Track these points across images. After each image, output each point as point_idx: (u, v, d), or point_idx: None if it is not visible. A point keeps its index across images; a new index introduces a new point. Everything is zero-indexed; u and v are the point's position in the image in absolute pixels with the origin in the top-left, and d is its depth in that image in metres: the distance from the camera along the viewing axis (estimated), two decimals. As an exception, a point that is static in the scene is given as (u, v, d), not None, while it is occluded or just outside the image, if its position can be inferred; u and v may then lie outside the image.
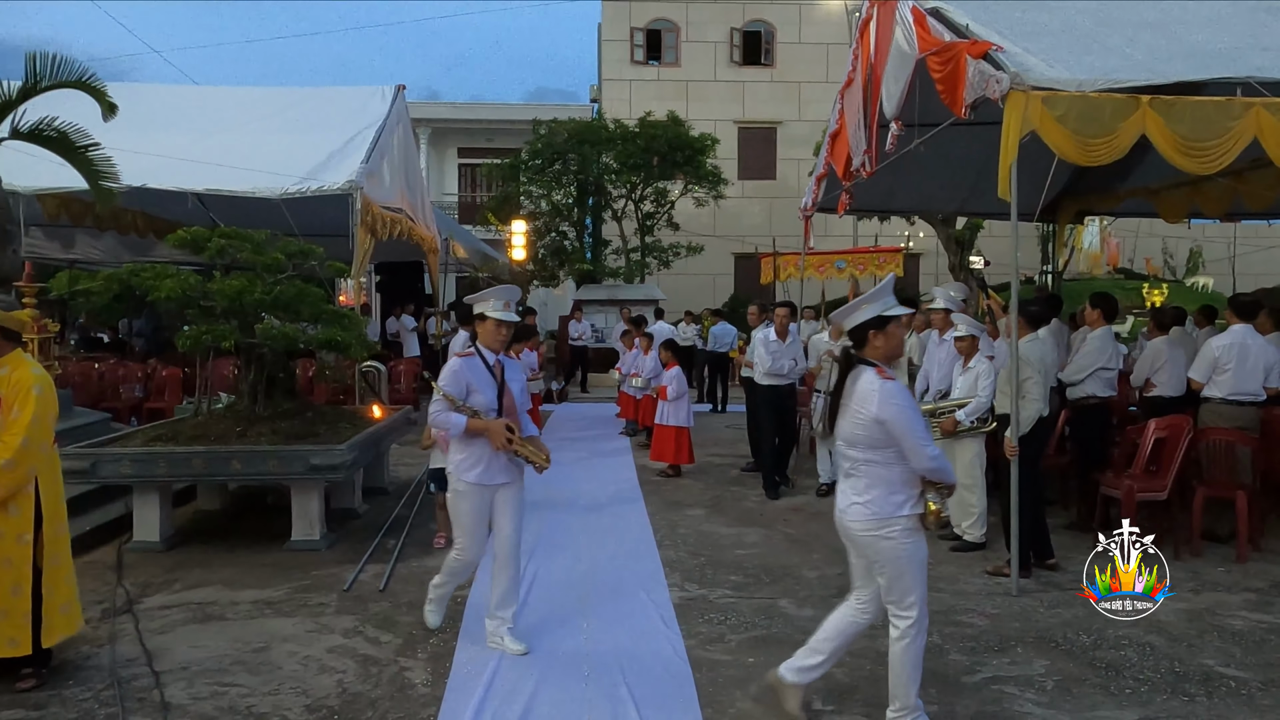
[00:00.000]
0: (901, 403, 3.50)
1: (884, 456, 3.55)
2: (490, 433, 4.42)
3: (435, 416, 4.46)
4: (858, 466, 3.63)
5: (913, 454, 3.50)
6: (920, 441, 3.49)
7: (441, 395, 4.44)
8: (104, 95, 7.94)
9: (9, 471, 4.02)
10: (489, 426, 4.42)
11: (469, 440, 4.46)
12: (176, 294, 6.57)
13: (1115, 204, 10.95)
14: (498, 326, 4.55)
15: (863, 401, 3.54)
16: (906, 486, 3.58)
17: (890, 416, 3.47)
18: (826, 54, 26.95)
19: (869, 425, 3.52)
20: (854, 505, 3.64)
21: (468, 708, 3.95)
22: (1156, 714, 3.95)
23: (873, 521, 3.58)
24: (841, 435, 3.67)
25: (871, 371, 3.58)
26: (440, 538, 6.49)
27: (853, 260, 14.80)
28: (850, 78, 8.35)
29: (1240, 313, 7.00)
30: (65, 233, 13.74)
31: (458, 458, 4.52)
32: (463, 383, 4.47)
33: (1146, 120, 5.36)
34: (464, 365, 4.53)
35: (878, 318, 3.64)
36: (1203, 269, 26.18)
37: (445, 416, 4.43)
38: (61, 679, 4.25)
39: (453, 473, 4.53)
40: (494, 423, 4.44)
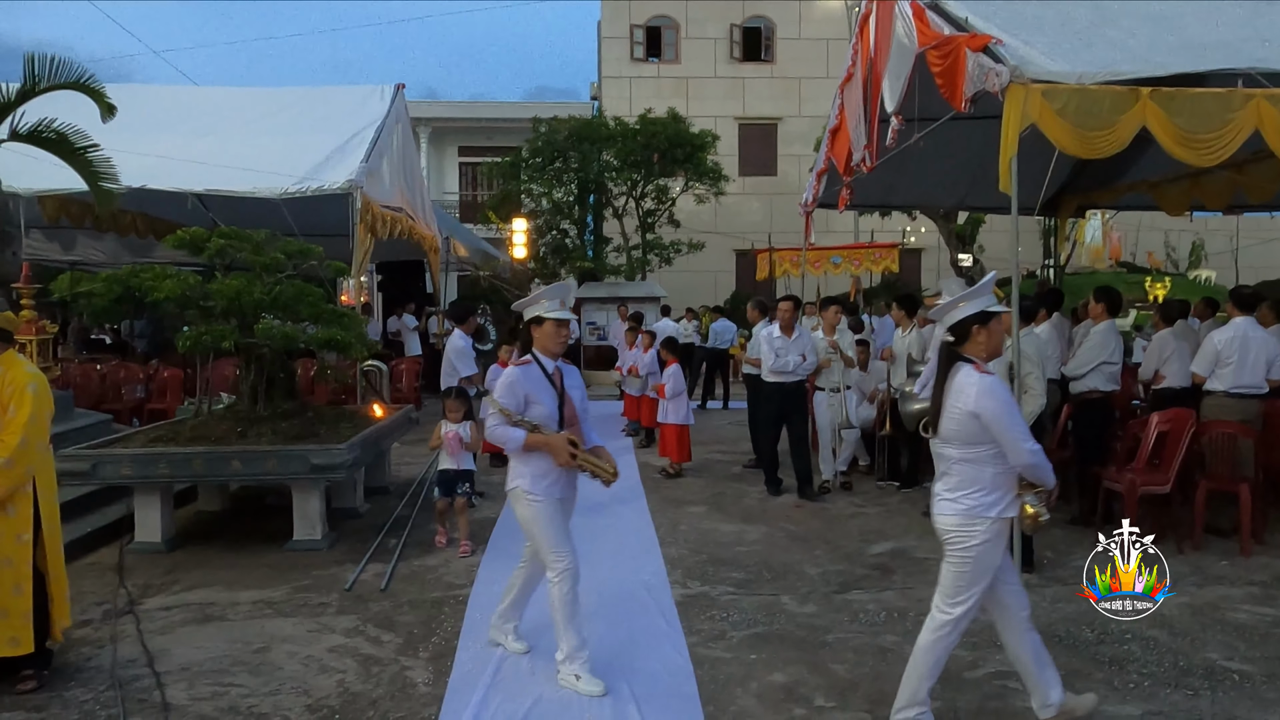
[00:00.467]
0: (1000, 396, 3.45)
1: (979, 454, 3.50)
2: (552, 449, 4.12)
3: (492, 431, 4.17)
4: (952, 464, 3.59)
5: (1010, 449, 3.44)
6: (1018, 436, 3.43)
7: (497, 409, 4.14)
8: (103, 96, 7.94)
9: (7, 470, 4.03)
10: (549, 442, 4.13)
11: (532, 453, 4.18)
12: (176, 295, 6.57)
13: (1116, 197, 10.93)
14: (557, 328, 4.25)
15: (959, 395, 3.50)
16: (1000, 488, 3.52)
17: (987, 410, 3.41)
18: (826, 50, 26.90)
19: (964, 419, 3.47)
20: (943, 501, 3.61)
21: (469, 707, 3.94)
22: (1160, 708, 3.94)
23: (960, 518, 3.54)
24: (941, 432, 3.62)
25: (970, 366, 3.54)
26: (441, 536, 6.50)
27: (848, 256, 14.73)
28: (850, 73, 8.33)
29: (1241, 305, 6.98)
30: (65, 234, 13.74)
31: (526, 471, 4.20)
32: (520, 394, 4.17)
33: (1147, 113, 5.33)
34: (521, 375, 4.21)
35: (982, 313, 3.60)
36: (1205, 262, 26.14)
37: (503, 431, 4.13)
38: (62, 680, 4.25)
39: (523, 488, 4.19)
40: (555, 438, 4.15)
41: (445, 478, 6.49)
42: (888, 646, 4.64)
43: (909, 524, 7.12)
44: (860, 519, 7.36)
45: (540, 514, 4.19)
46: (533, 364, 4.25)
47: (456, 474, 6.48)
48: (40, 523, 4.22)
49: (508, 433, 4.13)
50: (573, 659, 4.15)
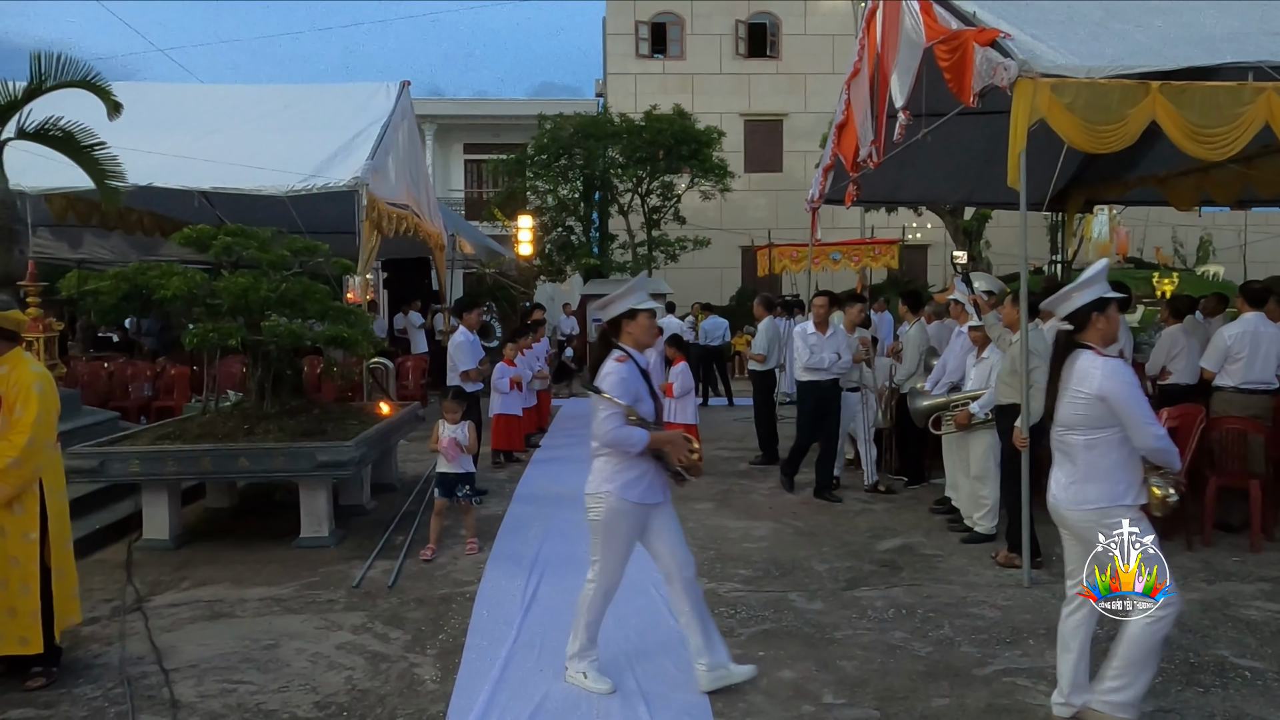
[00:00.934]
0: (1126, 378, 3.46)
1: (1105, 439, 3.49)
2: (673, 447, 3.97)
3: (613, 434, 3.89)
4: (1076, 452, 3.58)
5: (1136, 431, 3.44)
6: (1145, 419, 3.42)
7: (620, 409, 3.89)
8: (109, 94, 7.94)
9: (16, 470, 4.04)
10: (671, 440, 4.00)
11: (627, 458, 3.96)
12: (183, 292, 6.57)
13: (1124, 192, 10.87)
14: (652, 319, 4.15)
15: (1083, 380, 3.49)
16: (1128, 473, 3.52)
17: (1113, 392, 3.42)
18: (832, 45, 26.84)
19: (1090, 403, 3.48)
20: (1071, 492, 3.59)
21: (477, 704, 3.93)
22: (1171, 705, 3.92)
23: (1093, 512, 3.52)
24: (1060, 419, 3.62)
25: (1090, 352, 3.55)
26: (429, 549, 6.21)
27: (848, 252, 14.67)
28: (856, 68, 8.30)
29: (1251, 300, 6.94)
30: (72, 233, 13.76)
31: (618, 476, 3.98)
32: (632, 390, 3.97)
33: (1156, 106, 5.30)
34: (629, 370, 4.01)
35: (1099, 299, 3.61)
36: (1213, 257, 26.02)
37: (626, 432, 3.89)
38: (71, 677, 4.26)
39: (612, 491, 3.97)
40: (673, 434, 4.05)
41: (445, 480, 6.38)
42: (896, 643, 4.62)
43: (916, 520, 7.10)
44: (868, 515, 7.34)
45: (623, 521, 4.01)
46: (630, 360, 4.07)
47: (456, 477, 6.35)
48: (48, 520, 4.22)
49: (631, 433, 3.90)
50: (582, 656, 4.13)
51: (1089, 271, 3.73)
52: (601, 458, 4.04)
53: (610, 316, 4.16)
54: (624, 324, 4.13)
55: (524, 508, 7.61)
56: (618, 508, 3.98)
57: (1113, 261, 24.99)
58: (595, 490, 4.04)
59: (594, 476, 4.07)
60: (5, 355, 4.20)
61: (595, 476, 4.06)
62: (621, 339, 4.13)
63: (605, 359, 4.08)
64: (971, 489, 6.59)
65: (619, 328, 4.14)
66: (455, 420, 6.37)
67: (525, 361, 10.21)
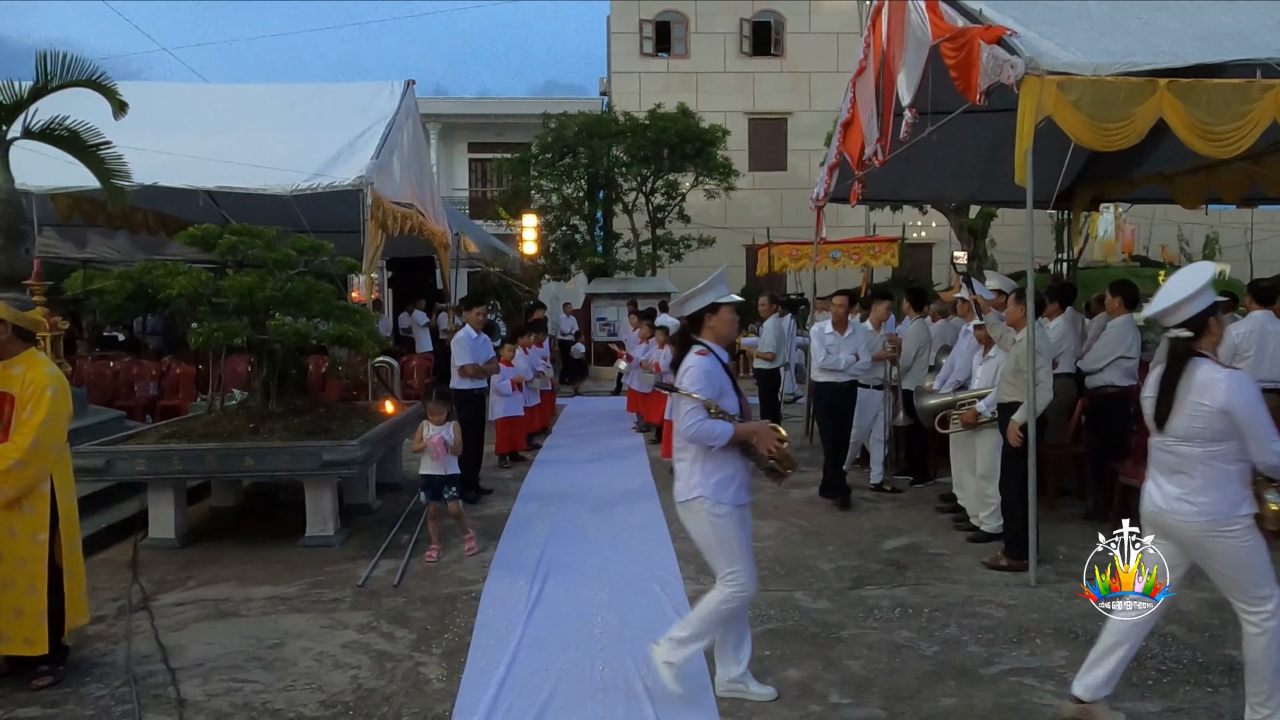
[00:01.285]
0: (1251, 392, 3.38)
1: (1223, 451, 3.42)
2: (759, 436, 3.83)
3: (695, 428, 3.75)
4: (1191, 464, 3.49)
5: (1259, 446, 3.37)
6: (1268, 435, 3.35)
7: (700, 402, 3.76)
8: (115, 94, 7.94)
9: (18, 472, 4.04)
10: (757, 430, 3.85)
11: (723, 453, 3.83)
12: (189, 292, 6.58)
13: (1130, 190, 10.83)
14: (734, 313, 4.02)
15: (1204, 392, 3.40)
16: (1242, 484, 3.46)
17: (1240, 406, 3.34)
18: (836, 43, 26.79)
19: (1212, 417, 3.40)
20: (1183, 504, 3.51)
21: (482, 703, 3.93)
22: (1179, 705, 3.91)
23: (1207, 523, 3.45)
24: (1174, 430, 3.52)
25: (1209, 362, 3.46)
26: (433, 551, 6.22)
27: (848, 250, 14.65)
28: (862, 66, 8.28)
29: (1260, 298, 6.91)
30: (78, 232, 13.78)
31: (708, 478, 3.84)
32: (717, 385, 3.85)
33: (1164, 104, 5.28)
34: (712, 364, 3.89)
35: (1214, 304, 3.53)
36: (1219, 256, 25.94)
37: (709, 425, 3.75)
38: (78, 676, 4.26)
39: (705, 496, 3.83)
40: (759, 423, 3.91)
41: (430, 482, 6.22)
42: (902, 643, 4.61)
43: (922, 519, 7.08)
44: (873, 514, 7.33)
45: (727, 527, 3.85)
46: (711, 354, 3.93)
47: (442, 479, 6.20)
48: (59, 521, 4.24)
49: (714, 427, 3.76)
50: (680, 646, 3.93)
51: (1195, 277, 3.56)
52: (687, 460, 3.90)
53: (691, 311, 4.03)
54: (706, 318, 4.00)
55: (529, 507, 7.61)
56: (716, 513, 3.84)
57: (1118, 260, 24.98)
58: (688, 498, 3.89)
59: (682, 482, 3.92)
60: (20, 355, 4.22)
61: (684, 482, 3.91)
62: (702, 334, 4.01)
63: (684, 355, 3.96)
64: (978, 488, 6.57)
65: (700, 323, 4.02)
66: (440, 422, 6.23)
67: (526, 361, 10.18)
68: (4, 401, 4.12)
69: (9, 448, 4.04)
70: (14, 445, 4.04)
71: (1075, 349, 7.38)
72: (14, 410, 4.11)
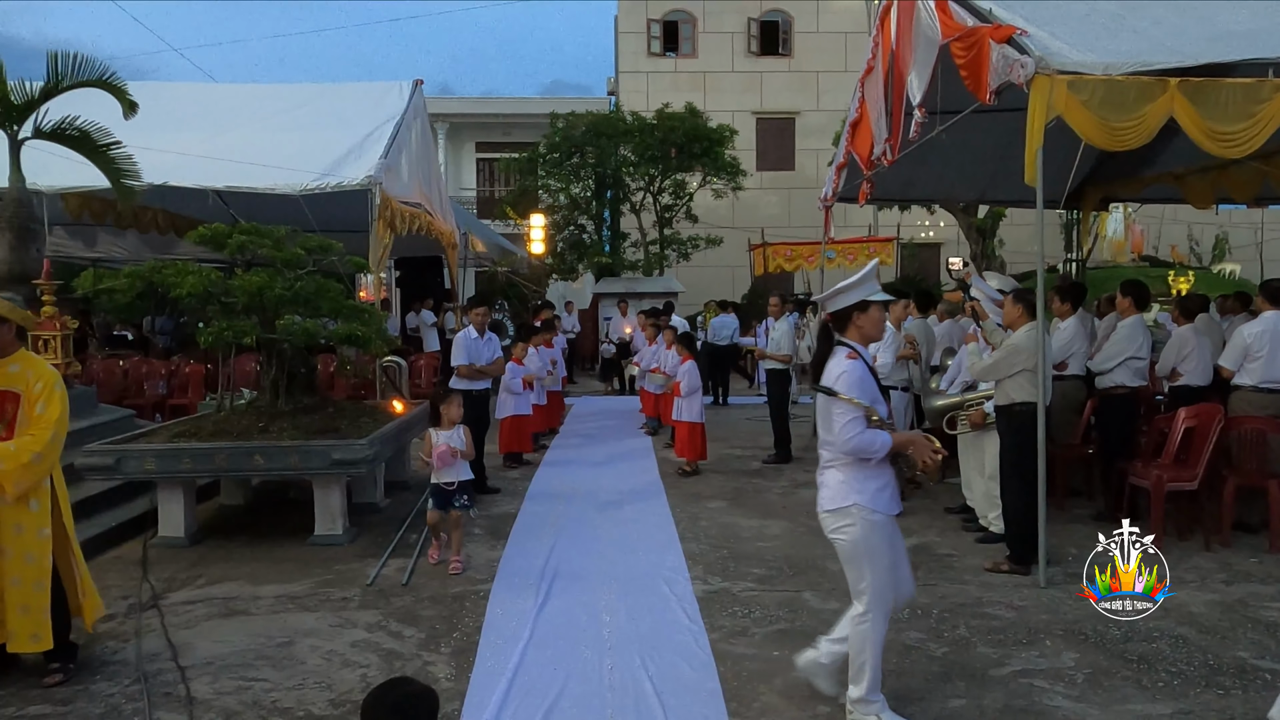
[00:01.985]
0: None
1: None
2: (916, 447, 3.65)
3: (856, 440, 3.54)
4: None
5: None
6: None
7: (860, 411, 3.56)
8: (124, 94, 7.99)
9: (37, 466, 4.09)
10: (913, 440, 3.68)
11: (877, 461, 3.62)
12: (198, 291, 6.59)
13: (1140, 189, 10.78)
14: (883, 312, 3.80)
15: None
16: None
17: None
18: (845, 43, 26.75)
19: None
20: None
21: (491, 702, 3.93)
22: (1190, 707, 3.89)
23: None
24: None
25: None
26: (435, 551, 6.05)
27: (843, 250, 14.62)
28: (870, 65, 8.26)
29: (1273, 298, 6.87)
30: (88, 231, 13.84)
31: (866, 485, 3.62)
32: (870, 390, 3.63)
33: (1174, 103, 5.27)
34: (864, 369, 3.66)
35: None
36: (1229, 255, 25.84)
37: (870, 436, 3.55)
38: (88, 674, 4.28)
39: (861, 504, 3.60)
40: (915, 434, 3.78)
41: (440, 492, 5.91)
42: (911, 643, 4.60)
43: (931, 520, 7.06)
44: (881, 515, 7.30)
45: (878, 536, 3.62)
46: (859, 357, 3.69)
47: (451, 490, 5.90)
48: (60, 516, 4.29)
49: (875, 438, 3.56)
50: (869, 700, 3.69)
51: None
52: (835, 468, 3.69)
53: (838, 309, 3.77)
54: (854, 316, 3.74)
55: (537, 506, 7.61)
56: (871, 521, 3.60)
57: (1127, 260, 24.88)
58: (839, 506, 3.65)
59: (831, 490, 3.69)
60: (17, 353, 4.25)
61: (833, 490, 3.68)
62: (847, 333, 3.76)
63: (828, 357, 3.75)
64: (986, 488, 6.54)
65: (846, 321, 3.77)
66: (453, 420, 6.01)
67: (539, 359, 10.17)
68: (6, 399, 4.15)
69: (29, 441, 4.07)
70: (34, 439, 4.08)
71: (1086, 350, 7.35)
72: (18, 407, 4.14)
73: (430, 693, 2.31)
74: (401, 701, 2.23)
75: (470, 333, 8.38)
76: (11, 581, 4.10)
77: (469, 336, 8.35)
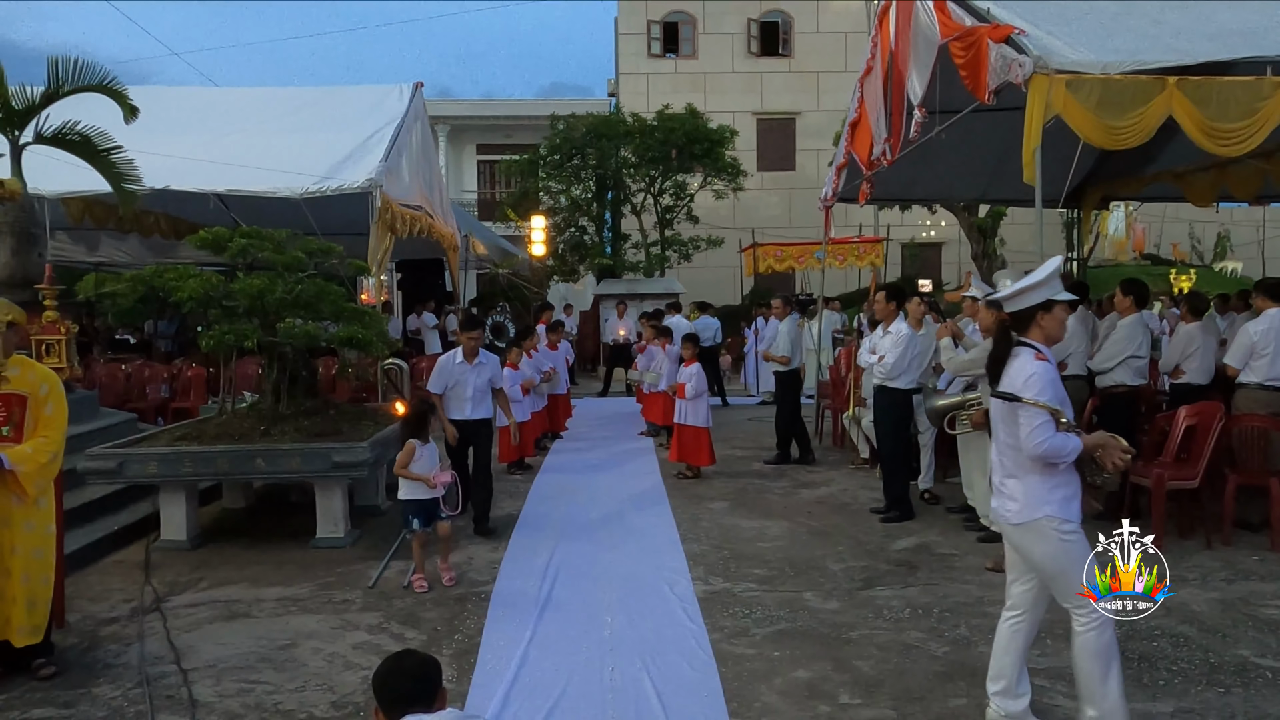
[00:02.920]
0: None
1: None
2: (1106, 450, 3.44)
3: (1049, 445, 3.34)
4: None
5: None
6: None
7: (1050, 415, 3.37)
8: (125, 98, 8.02)
9: (52, 465, 4.24)
10: (1103, 443, 3.46)
11: (1064, 466, 3.44)
12: (199, 294, 6.61)
13: (1141, 188, 10.80)
14: (1067, 311, 3.61)
15: None
16: None
17: None
18: (845, 43, 26.77)
19: None
20: None
21: (493, 704, 3.94)
22: (1191, 706, 3.89)
23: None
24: None
25: None
26: (420, 579, 5.58)
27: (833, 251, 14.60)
28: (870, 66, 8.28)
29: (1273, 295, 6.86)
30: (89, 236, 13.88)
31: (1054, 491, 3.43)
32: (1060, 393, 3.45)
33: (1173, 102, 5.27)
34: (1053, 371, 3.49)
35: None
36: (1230, 253, 25.83)
37: (1061, 440, 3.36)
38: (91, 676, 4.29)
39: (1054, 514, 3.42)
40: (1103, 435, 3.52)
41: (424, 507, 5.57)
42: (912, 643, 4.60)
43: (932, 519, 7.06)
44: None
45: (1078, 546, 3.42)
46: (1047, 359, 3.49)
47: (434, 501, 5.57)
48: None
49: (1065, 443, 3.36)
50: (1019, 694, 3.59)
51: None
52: (1017, 477, 3.51)
53: (1021, 308, 3.57)
54: (1038, 316, 3.54)
55: (539, 508, 7.62)
56: (1065, 531, 3.42)
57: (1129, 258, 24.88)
58: (1031, 518, 3.46)
59: (1019, 502, 3.50)
60: (15, 356, 4.32)
61: (1020, 503, 3.49)
62: (1029, 333, 3.56)
63: (1009, 358, 3.55)
64: (987, 488, 6.53)
65: (1029, 321, 3.57)
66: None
67: (531, 365, 10.11)
68: (13, 402, 4.19)
69: (45, 443, 4.20)
70: (49, 441, 4.21)
71: (1086, 349, 7.35)
72: (25, 410, 4.20)
73: (436, 661, 2.51)
74: (416, 668, 2.43)
75: (456, 355, 6.95)
76: (21, 578, 4.19)
77: (452, 360, 6.94)
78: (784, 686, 4.11)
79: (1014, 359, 3.53)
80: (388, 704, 2.36)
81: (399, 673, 2.41)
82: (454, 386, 6.90)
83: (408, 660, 2.48)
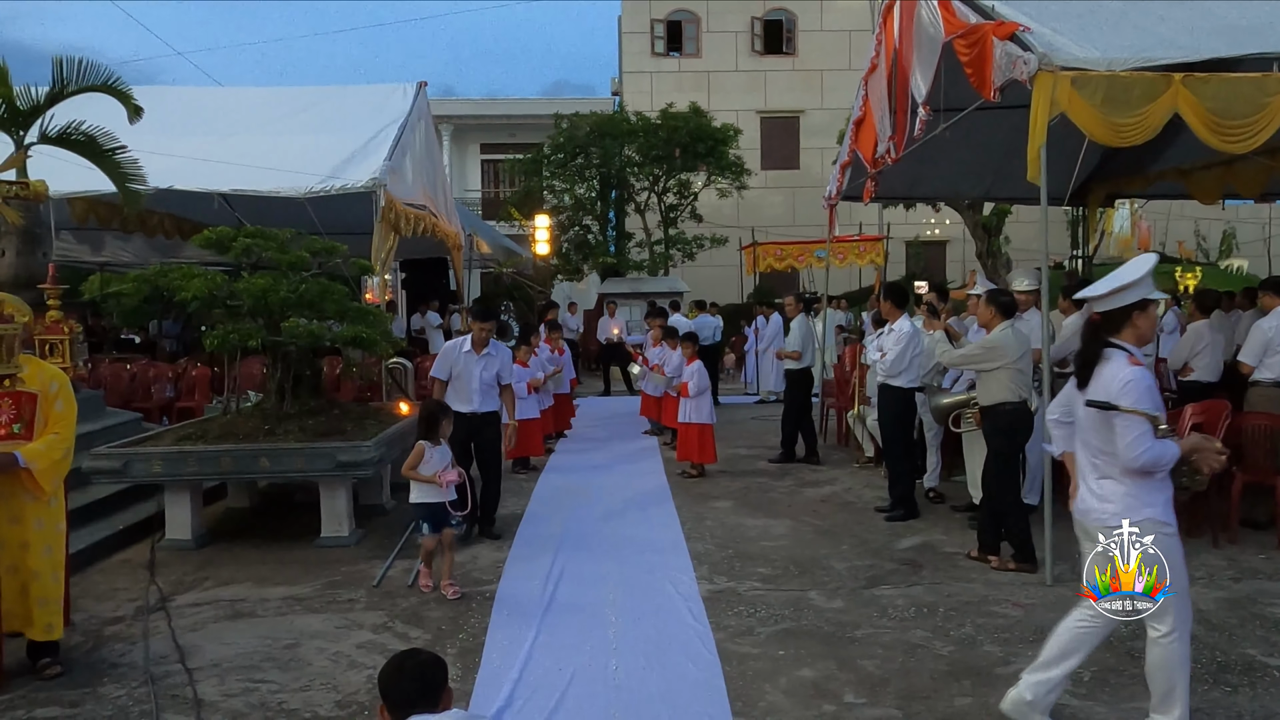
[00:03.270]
0: None
1: None
2: (1202, 454, 3.37)
3: (1149, 454, 3.24)
4: None
5: None
6: None
7: (1149, 422, 3.26)
8: (130, 98, 8.03)
9: (65, 462, 4.28)
10: (1200, 446, 3.39)
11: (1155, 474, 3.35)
12: (204, 294, 6.62)
13: (1146, 185, 10.75)
14: (1156, 310, 3.53)
15: None
16: None
17: None
18: (848, 41, 26.75)
19: None
20: None
21: (497, 703, 3.94)
22: (1198, 705, 3.86)
23: None
24: None
25: None
26: (425, 578, 5.51)
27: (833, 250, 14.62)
28: (874, 64, 8.25)
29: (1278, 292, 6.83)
30: (94, 236, 13.91)
31: (1156, 492, 3.36)
32: (1157, 398, 3.34)
33: (1179, 99, 5.24)
34: (1150, 376, 3.38)
35: None
36: (1236, 251, 25.77)
37: (1161, 448, 3.26)
38: (96, 676, 4.30)
39: (1155, 518, 3.33)
40: (1198, 438, 3.47)
41: (434, 513, 5.41)
42: (917, 642, 4.59)
43: (936, 518, 7.05)
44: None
45: (1176, 548, 3.35)
46: (1141, 363, 3.38)
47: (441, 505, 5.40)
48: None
49: (1165, 450, 3.27)
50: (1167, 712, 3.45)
51: None
52: (1113, 479, 3.41)
53: (1115, 308, 3.42)
54: (1133, 316, 3.40)
55: (543, 507, 7.61)
56: (1166, 533, 3.34)
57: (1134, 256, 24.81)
58: (1133, 519, 3.35)
59: (1118, 504, 3.38)
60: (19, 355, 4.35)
61: (1119, 505, 3.38)
62: (1121, 334, 3.42)
63: (1098, 360, 3.42)
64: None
65: (1123, 321, 3.42)
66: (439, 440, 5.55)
67: (538, 363, 10.12)
68: (24, 400, 4.22)
69: (57, 440, 4.25)
70: (61, 438, 4.26)
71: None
72: (36, 407, 4.24)
73: (442, 661, 2.50)
74: (420, 669, 2.42)
75: (463, 344, 6.77)
76: (33, 575, 4.23)
77: (459, 348, 6.74)
78: (788, 686, 4.10)
79: (1105, 363, 3.39)
80: (393, 703, 2.36)
81: (404, 672, 2.41)
82: (459, 377, 6.68)
83: (413, 660, 2.47)
